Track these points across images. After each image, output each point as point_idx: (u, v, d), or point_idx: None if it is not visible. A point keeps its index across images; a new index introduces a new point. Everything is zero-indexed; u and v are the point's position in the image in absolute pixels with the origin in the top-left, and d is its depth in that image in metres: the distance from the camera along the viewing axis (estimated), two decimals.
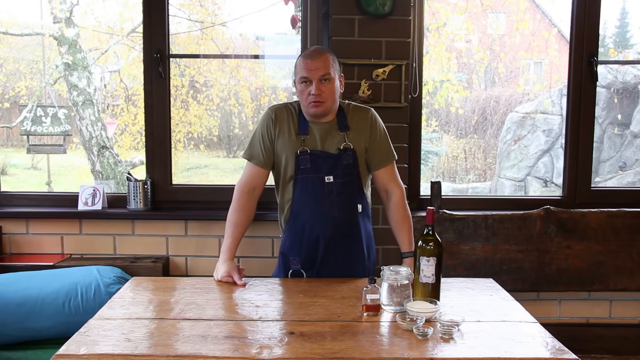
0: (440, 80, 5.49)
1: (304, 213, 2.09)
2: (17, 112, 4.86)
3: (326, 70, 2.00)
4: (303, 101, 2.06)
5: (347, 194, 2.09)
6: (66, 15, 4.90)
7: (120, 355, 1.44)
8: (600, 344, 2.76)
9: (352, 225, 2.12)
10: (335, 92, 2.04)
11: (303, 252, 2.12)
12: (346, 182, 2.08)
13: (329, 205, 2.07)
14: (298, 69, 2.04)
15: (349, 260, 2.14)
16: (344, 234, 2.10)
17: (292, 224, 2.13)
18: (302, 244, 2.11)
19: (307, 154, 2.07)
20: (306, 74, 1.99)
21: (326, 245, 2.09)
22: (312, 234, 2.09)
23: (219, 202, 2.84)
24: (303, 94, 2.03)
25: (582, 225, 2.76)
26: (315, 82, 1.99)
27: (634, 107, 6.42)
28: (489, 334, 1.60)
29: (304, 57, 2.04)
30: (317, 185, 2.06)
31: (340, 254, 2.11)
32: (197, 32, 4.98)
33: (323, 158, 2.06)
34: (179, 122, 5.32)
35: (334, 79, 2.03)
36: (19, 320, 2.36)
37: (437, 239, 1.79)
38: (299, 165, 2.07)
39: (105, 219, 2.80)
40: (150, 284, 2.05)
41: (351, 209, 2.11)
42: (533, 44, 6.00)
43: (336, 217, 2.08)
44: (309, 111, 2.06)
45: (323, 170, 2.05)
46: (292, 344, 1.51)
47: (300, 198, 2.09)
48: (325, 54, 2.04)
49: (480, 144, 7.33)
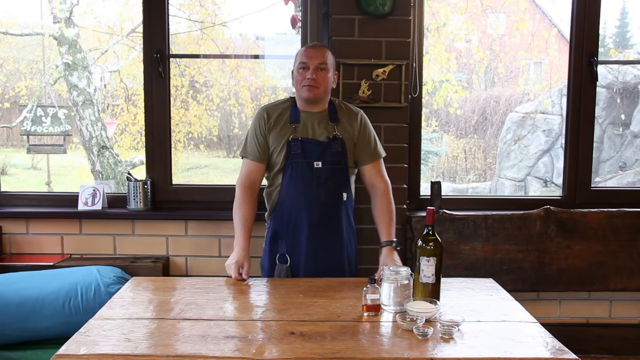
0: (439, 81, 5.49)
1: (291, 197, 2.19)
2: (17, 112, 4.86)
3: (324, 60, 2.18)
4: (298, 85, 2.20)
5: (334, 180, 2.20)
6: (66, 15, 4.90)
7: (120, 355, 1.44)
8: (600, 344, 2.76)
9: (337, 213, 2.22)
10: (328, 82, 2.20)
11: (289, 235, 2.20)
12: (334, 169, 2.19)
13: (316, 190, 2.17)
14: (298, 56, 2.21)
15: (332, 246, 2.23)
16: (328, 218, 2.20)
17: (280, 207, 2.22)
18: (288, 227, 2.21)
19: (298, 140, 2.18)
20: (305, 60, 2.17)
21: (311, 230, 2.18)
22: (298, 216, 2.19)
23: (219, 202, 2.84)
24: (299, 78, 2.18)
25: (582, 225, 2.76)
26: (312, 68, 2.16)
27: (634, 107, 6.42)
28: (489, 334, 1.60)
29: (306, 47, 2.24)
30: (306, 170, 2.17)
31: (323, 239, 2.20)
32: (197, 32, 4.98)
33: (313, 145, 2.18)
34: (179, 122, 5.32)
35: (328, 70, 2.19)
36: (19, 320, 2.36)
37: (437, 239, 1.79)
38: (290, 151, 2.18)
39: (105, 219, 2.80)
40: (150, 284, 2.05)
41: (337, 195, 2.21)
42: (533, 44, 6.00)
43: (322, 202, 2.18)
44: (302, 95, 2.19)
45: (313, 156, 2.17)
46: (292, 344, 1.51)
47: (290, 182, 2.19)
48: (325, 48, 2.24)
49: (480, 144, 7.33)
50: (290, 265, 2.21)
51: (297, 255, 2.20)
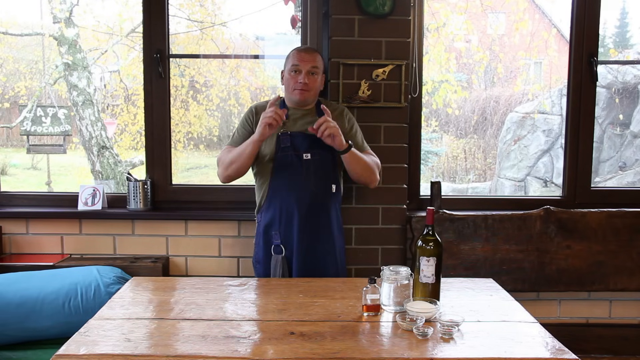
0: (439, 81, 5.49)
1: (281, 188, 2.25)
2: (17, 112, 4.86)
3: (315, 64, 2.26)
4: (289, 88, 2.28)
5: (323, 172, 2.26)
6: (66, 15, 4.91)
7: (120, 355, 1.44)
8: (600, 344, 2.76)
9: (326, 204, 2.27)
10: (318, 86, 2.30)
11: (282, 227, 2.25)
12: (322, 160, 2.25)
13: (306, 180, 2.23)
14: (290, 59, 2.28)
15: (323, 237, 2.27)
16: (318, 209, 2.25)
17: (270, 199, 2.27)
18: (280, 218, 2.25)
19: (287, 134, 2.25)
20: (298, 63, 2.24)
21: (301, 220, 2.22)
22: (289, 207, 2.23)
23: (219, 202, 2.84)
24: (290, 81, 2.26)
25: (582, 225, 2.76)
26: (304, 72, 2.23)
27: (634, 107, 6.42)
28: (489, 334, 1.60)
29: (298, 50, 2.30)
30: (296, 162, 2.23)
31: (314, 230, 2.24)
32: (197, 32, 4.98)
33: (302, 137, 2.24)
34: (179, 122, 5.32)
35: (318, 75, 2.28)
36: (19, 320, 2.36)
37: (437, 239, 1.79)
38: (280, 144, 2.24)
39: (105, 219, 2.80)
40: (150, 284, 2.05)
41: (326, 186, 2.27)
42: (532, 44, 6.00)
43: (312, 192, 2.23)
44: (293, 97, 2.28)
45: (302, 148, 2.23)
46: (292, 344, 1.51)
47: (279, 174, 2.25)
48: (317, 53, 2.32)
49: (480, 144, 7.33)
50: (285, 256, 2.24)
51: (290, 244, 2.25)
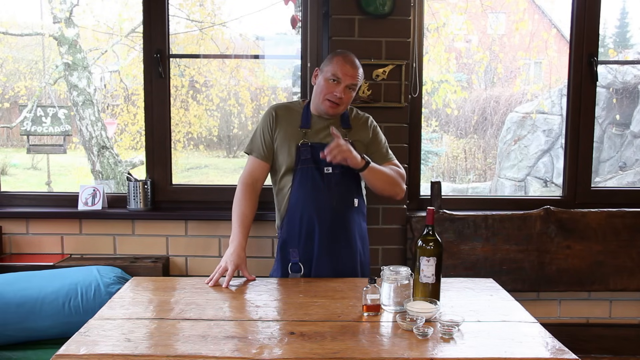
0: (439, 81, 5.49)
1: (302, 203, 2.13)
2: (17, 112, 4.86)
3: (356, 81, 2.11)
4: (320, 94, 2.12)
5: (345, 186, 2.15)
6: (66, 15, 4.91)
7: (120, 355, 1.44)
8: (600, 344, 2.76)
9: (348, 219, 2.16)
10: (351, 100, 2.15)
11: (301, 244, 2.14)
12: (344, 175, 2.13)
13: (327, 196, 2.11)
14: (333, 65, 2.10)
15: (345, 254, 2.16)
16: (339, 225, 2.14)
17: (290, 215, 2.16)
18: (300, 235, 2.14)
19: (308, 145, 2.12)
20: (340, 76, 2.08)
21: (322, 237, 2.12)
22: (309, 224, 2.12)
23: (219, 202, 2.84)
24: (324, 89, 2.10)
25: (582, 225, 2.76)
26: (342, 86, 2.08)
27: (634, 107, 6.42)
28: (489, 334, 1.60)
29: (345, 60, 2.11)
30: (317, 176, 2.12)
31: (336, 247, 2.14)
32: (197, 32, 4.98)
33: (323, 150, 2.05)
34: (179, 122, 5.32)
35: (355, 91, 2.15)
36: (19, 320, 2.36)
37: (437, 239, 1.79)
38: (300, 156, 2.12)
39: (105, 219, 2.80)
40: (150, 284, 2.05)
41: (348, 201, 2.16)
42: (532, 44, 6.00)
43: (333, 208, 2.12)
44: (322, 107, 2.13)
45: (323, 161, 2.06)
46: (292, 344, 1.51)
47: (299, 188, 2.13)
48: (359, 67, 2.14)
49: (480, 144, 7.33)
50: (303, 275, 2.15)
51: (308, 264, 2.14)
